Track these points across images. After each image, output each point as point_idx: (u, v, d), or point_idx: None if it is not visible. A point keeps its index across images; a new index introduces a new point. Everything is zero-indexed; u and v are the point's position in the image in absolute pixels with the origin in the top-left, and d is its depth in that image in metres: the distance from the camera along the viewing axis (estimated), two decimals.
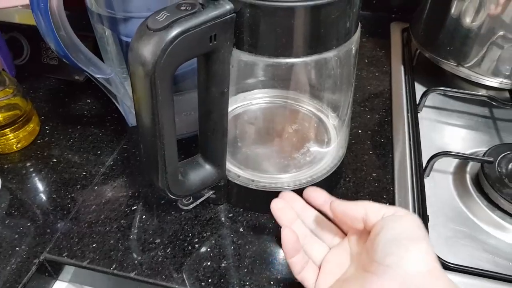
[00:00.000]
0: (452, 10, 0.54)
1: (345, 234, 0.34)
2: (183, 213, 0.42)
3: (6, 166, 0.48)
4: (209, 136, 0.36)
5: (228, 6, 0.29)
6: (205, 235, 0.40)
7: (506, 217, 0.41)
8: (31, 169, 0.47)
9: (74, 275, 0.41)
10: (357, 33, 0.35)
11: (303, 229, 0.35)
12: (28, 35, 0.58)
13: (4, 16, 0.50)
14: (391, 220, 0.29)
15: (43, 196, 0.44)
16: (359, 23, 0.36)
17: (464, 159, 0.45)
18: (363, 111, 0.55)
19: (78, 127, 0.52)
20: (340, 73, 0.38)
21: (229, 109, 0.45)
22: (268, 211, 0.41)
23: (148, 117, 0.30)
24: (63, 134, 0.51)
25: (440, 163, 0.46)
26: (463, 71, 0.55)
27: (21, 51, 0.57)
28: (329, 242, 0.34)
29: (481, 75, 0.55)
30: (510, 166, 0.44)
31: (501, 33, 0.51)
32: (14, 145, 0.49)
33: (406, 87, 0.59)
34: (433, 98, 0.57)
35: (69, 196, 0.44)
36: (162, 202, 0.43)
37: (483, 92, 0.57)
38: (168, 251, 0.39)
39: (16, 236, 0.41)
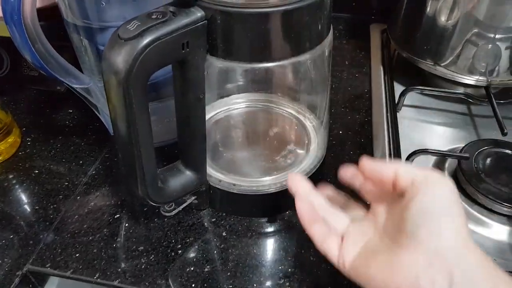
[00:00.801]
0: (428, 10, 0.55)
1: (367, 208, 0.33)
2: (166, 219, 0.42)
3: None
4: (188, 142, 0.37)
5: (199, 14, 0.29)
6: (188, 240, 0.40)
7: (484, 212, 0.42)
8: (13, 181, 0.47)
9: (59, 286, 0.41)
10: (330, 36, 0.36)
11: (320, 200, 0.33)
12: (7, 47, 0.58)
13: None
14: (424, 187, 0.27)
15: (26, 208, 0.44)
16: (331, 25, 0.36)
17: (441, 156, 0.46)
18: (344, 112, 0.56)
19: (60, 137, 0.52)
20: (315, 75, 0.39)
21: (210, 114, 0.46)
22: (250, 214, 0.42)
23: (123, 125, 0.30)
24: (44, 145, 0.51)
25: (419, 161, 0.47)
26: (440, 70, 0.56)
27: (1, 63, 0.57)
28: (352, 215, 0.33)
29: (457, 73, 0.56)
30: (486, 162, 0.45)
31: (475, 30, 0.52)
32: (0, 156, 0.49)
33: (385, 87, 0.60)
34: (412, 97, 0.58)
35: (52, 206, 0.44)
36: (145, 209, 0.43)
37: (460, 90, 0.58)
38: (151, 258, 0.39)
39: None
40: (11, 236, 0.41)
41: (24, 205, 0.45)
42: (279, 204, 0.42)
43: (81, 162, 0.49)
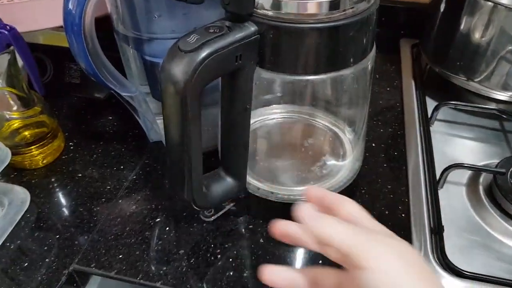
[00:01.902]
0: (462, 26, 0.55)
1: None
2: (204, 224, 0.43)
3: (33, 181, 0.50)
4: (231, 150, 0.38)
5: (253, 28, 0.31)
6: (226, 246, 0.41)
7: None
8: (57, 184, 0.49)
9: (100, 286, 0.42)
10: (373, 51, 0.37)
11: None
12: (51, 55, 0.61)
13: (29, 37, 0.53)
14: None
15: (70, 210, 0.46)
16: (375, 41, 0.38)
17: (477, 170, 0.47)
18: (376, 125, 0.57)
19: (101, 143, 0.54)
20: (356, 89, 0.40)
21: (254, 121, 0.47)
22: None
23: (177, 132, 0.32)
24: (86, 150, 0.53)
25: (453, 175, 0.48)
26: (473, 86, 0.57)
27: (45, 71, 0.60)
28: None
29: (490, 89, 0.56)
30: None
31: (509, 48, 0.52)
32: (40, 161, 0.51)
33: (417, 101, 0.60)
34: (444, 112, 0.58)
35: (95, 209, 0.46)
36: (184, 214, 0.44)
37: (493, 105, 0.58)
38: (191, 261, 0.40)
39: (46, 248, 0.42)
40: (57, 237, 0.43)
41: (68, 207, 0.46)
42: None
43: (122, 167, 0.51)
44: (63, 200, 0.47)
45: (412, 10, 0.75)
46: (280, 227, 0.28)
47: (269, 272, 0.28)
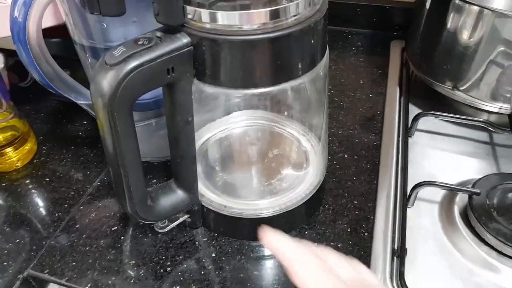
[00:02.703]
0: (448, 25, 0.51)
1: None
2: (159, 235, 0.43)
3: (3, 184, 0.50)
4: (178, 163, 0.37)
5: (185, 40, 0.30)
6: (178, 258, 0.41)
7: (493, 253, 0.39)
8: (26, 188, 0.50)
9: None
10: (324, 59, 0.35)
11: None
12: None
13: (8, 43, 0.53)
14: None
15: (34, 214, 0.46)
16: (327, 47, 0.36)
17: (448, 189, 0.44)
18: (352, 134, 0.55)
19: (72, 147, 0.54)
20: (309, 98, 0.39)
21: (209, 134, 0.46)
22: (240, 237, 0.42)
23: (110, 145, 0.31)
24: (57, 154, 0.53)
25: (427, 192, 0.45)
26: (459, 95, 0.54)
27: (26, 75, 0.61)
28: None
29: (478, 99, 0.53)
30: (502, 199, 0.42)
31: (500, 49, 0.48)
32: (15, 164, 0.52)
33: (399, 109, 0.58)
34: (428, 122, 0.56)
35: (57, 214, 0.46)
36: (141, 224, 0.44)
37: (482, 116, 0.55)
38: (141, 273, 0.40)
39: (5, 251, 0.42)
40: (17, 241, 0.43)
41: (32, 212, 0.47)
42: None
43: (88, 172, 0.51)
44: (28, 205, 0.48)
45: (407, 10, 0.72)
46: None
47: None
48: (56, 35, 0.50)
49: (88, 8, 0.27)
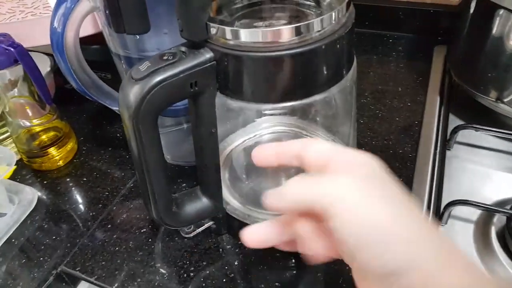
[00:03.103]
0: (493, 30, 0.48)
1: None
2: (185, 240, 0.44)
3: (45, 182, 0.53)
4: (203, 171, 0.38)
5: (208, 55, 0.30)
6: (201, 264, 0.41)
7: None
8: (65, 186, 0.52)
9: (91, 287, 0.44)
10: (351, 72, 0.34)
11: None
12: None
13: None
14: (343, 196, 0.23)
15: (71, 212, 0.49)
16: (355, 59, 0.35)
17: (484, 210, 0.41)
18: (386, 145, 0.53)
19: (110, 148, 0.56)
20: (336, 109, 0.38)
21: (237, 142, 0.47)
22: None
23: (135, 153, 0.32)
24: (96, 154, 0.56)
25: (463, 210, 0.43)
26: (503, 108, 0.50)
27: None
28: None
29: None
30: None
31: None
32: (57, 162, 0.55)
33: (438, 120, 0.55)
34: (469, 135, 0.53)
35: (91, 213, 0.48)
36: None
37: None
38: (165, 276, 0.41)
39: (42, 247, 0.45)
40: (53, 237, 0.46)
41: (69, 209, 0.49)
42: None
43: (123, 174, 0.53)
44: (66, 203, 0.50)
45: (452, 14, 0.69)
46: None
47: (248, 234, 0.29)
48: (98, 42, 0.52)
49: (114, 27, 0.28)
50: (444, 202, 0.43)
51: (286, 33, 0.29)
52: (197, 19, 0.28)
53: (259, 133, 0.48)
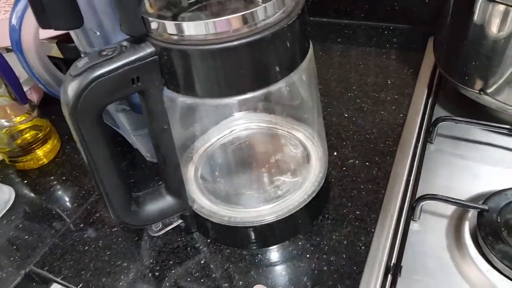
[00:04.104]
0: (475, 20, 0.45)
1: None
2: (155, 239, 0.43)
3: (26, 181, 0.54)
4: (164, 169, 0.37)
5: (149, 50, 0.29)
6: (167, 264, 0.41)
7: (502, 280, 0.34)
8: (45, 186, 0.53)
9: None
10: (305, 61, 0.33)
11: None
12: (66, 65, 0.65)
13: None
14: None
15: (46, 212, 0.49)
16: (310, 48, 0.33)
17: (453, 204, 0.39)
18: (368, 139, 0.51)
19: None
20: (298, 99, 0.37)
21: (212, 140, 0.46)
22: (230, 244, 0.41)
23: (82, 153, 0.32)
24: (78, 153, 0.55)
25: (439, 206, 0.41)
26: (486, 99, 0.48)
27: None
28: None
29: (507, 104, 0.46)
30: None
31: None
32: (40, 160, 0.56)
33: (423, 113, 0.53)
34: (454, 127, 0.50)
35: (66, 213, 0.48)
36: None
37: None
38: (130, 276, 0.40)
39: (14, 247, 0.46)
40: (27, 237, 0.46)
41: (45, 209, 0.49)
42: (262, 238, 0.40)
43: None
44: (43, 203, 0.50)
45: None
46: None
47: None
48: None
49: (39, 23, 0.28)
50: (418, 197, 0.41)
51: (230, 23, 0.28)
52: (131, 13, 0.28)
53: (232, 130, 0.47)
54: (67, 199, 0.50)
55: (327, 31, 0.74)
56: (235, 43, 0.28)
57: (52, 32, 0.40)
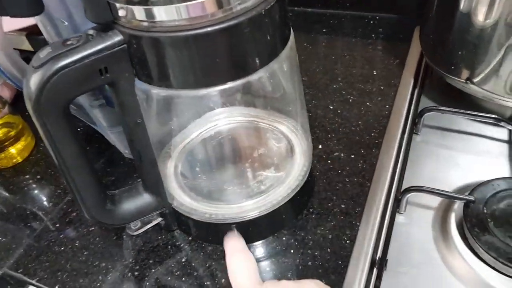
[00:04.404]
0: (461, 5, 0.44)
1: None
2: (134, 238, 0.42)
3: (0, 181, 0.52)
4: (139, 165, 0.36)
5: (117, 38, 0.27)
6: (147, 263, 0.39)
7: (488, 271, 0.34)
8: (19, 185, 0.51)
9: None
10: (286, 49, 0.31)
11: None
12: None
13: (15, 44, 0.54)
14: None
15: (21, 212, 0.47)
16: (291, 35, 0.32)
17: (439, 196, 0.38)
18: (353, 131, 0.50)
19: None
20: (280, 90, 0.35)
21: (193, 135, 0.44)
22: (213, 241, 0.40)
23: (49, 150, 0.30)
24: None
25: (424, 198, 0.40)
26: (473, 89, 0.47)
27: None
28: None
29: (494, 93, 0.46)
30: (503, 208, 0.36)
31: None
32: (14, 158, 0.53)
33: (409, 104, 0.52)
34: (440, 118, 0.50)
35: (41, 213, 0.46)
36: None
37: (508, 112, 0.48)
38: (108, 276, 0.39)
39: None
40: (0, 239, 0.44)
41: (19, 209, 0.47)
42: (245, 234, 0.39)
43: None
44: (17, 202, 0.48)
45: None
46: None
47: None
48: None
49: None
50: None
51: (204, 7, 0.26)
52: None
53: (212, 124, 0.46)
54: (42, 198, 0.48)
55: (312, 22, 0.72)
56: (209, 28, 0.26)
57: (17, 23, 0.38)
